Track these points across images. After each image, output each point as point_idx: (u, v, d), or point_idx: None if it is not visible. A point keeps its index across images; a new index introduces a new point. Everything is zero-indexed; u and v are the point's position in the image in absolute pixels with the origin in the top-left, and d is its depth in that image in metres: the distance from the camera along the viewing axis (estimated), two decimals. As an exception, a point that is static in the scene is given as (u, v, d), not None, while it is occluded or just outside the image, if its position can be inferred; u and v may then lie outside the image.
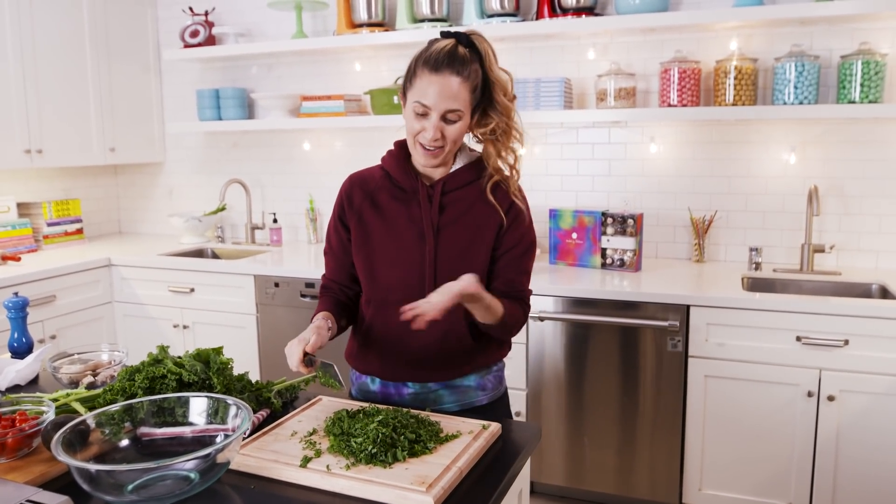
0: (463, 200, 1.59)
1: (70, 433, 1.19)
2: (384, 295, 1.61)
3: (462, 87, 1.47)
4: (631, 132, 3.17)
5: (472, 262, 1.57)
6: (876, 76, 2.65)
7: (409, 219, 1.59)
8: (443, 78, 1.46)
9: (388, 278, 1.61)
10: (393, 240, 1.60)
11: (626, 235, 2.96)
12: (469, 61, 1.48)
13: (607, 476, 2.76)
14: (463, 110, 1.49)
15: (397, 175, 1.62)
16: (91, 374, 1.67)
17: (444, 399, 1.62)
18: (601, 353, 2.70)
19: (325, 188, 3.78)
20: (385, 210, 1.62)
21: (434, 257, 1.57)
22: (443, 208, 1.59)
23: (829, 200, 2.93)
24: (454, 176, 1.59)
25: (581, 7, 2.98)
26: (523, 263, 1.62)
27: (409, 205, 1.60)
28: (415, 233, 1.58)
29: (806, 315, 2.42)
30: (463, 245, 1.57)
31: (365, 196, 1.65)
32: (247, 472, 1.26)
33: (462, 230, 1.58)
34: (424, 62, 1.49)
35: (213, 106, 3.73)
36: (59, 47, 3.46)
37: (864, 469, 2.43)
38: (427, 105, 1.48)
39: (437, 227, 1.57)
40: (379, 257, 1.61)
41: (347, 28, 3.38)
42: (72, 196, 3.98)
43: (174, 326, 3.39)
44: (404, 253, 1.59)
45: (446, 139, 1.50)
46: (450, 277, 1.54)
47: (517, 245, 1.60)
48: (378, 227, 1.62)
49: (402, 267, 1.59)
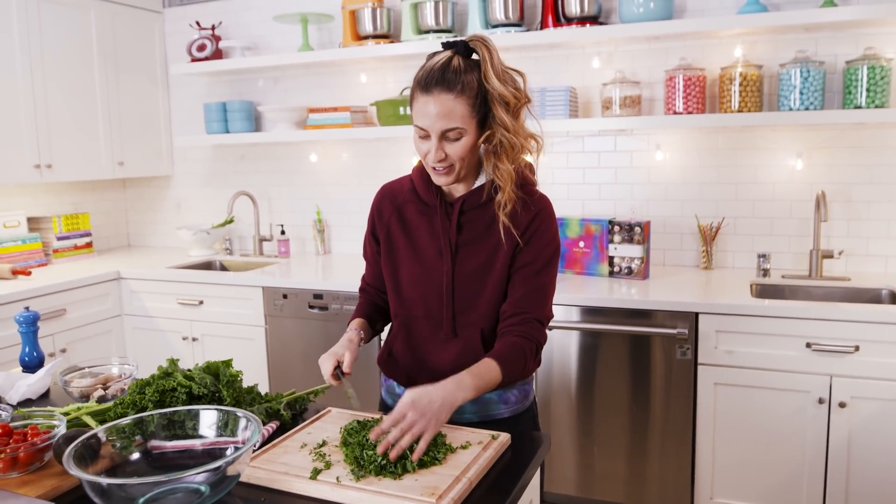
0: (481, 219, 1.56)
1: (81, 447, 1.19)
2: (408, 310, 1.62)
3: (457, 104, 1.41)
4: (637, 140, 3.17)
5: (485, 282, 1.55)
6: (881, 81, 2.65)
7: (431, 235, 1.58)
8: (434, 98, 1.41)
9: (411, 294, 1.61)
10: (415, 256, 1.60)
11: (633, 243, 2.95)
12: (463, 72, 1.42)
13: (618, 485, 2.75)
14: (463, 126, 1.43)
15: (421, 190, 1.60)
16: (102, 388, 1.67)
17: (465, 409, 1.59)
18: (610, 362, 2.69)
19: (332, 199, 3.79)
20: (410, 225, 1.61)
21: (451, 277, 1.56)
22: (461, 227, 1.56)
23: (837, 206, 2.92)
24: (473, 194, 1.56)
25: (585, 16, 2.99)
26: (539, 280, 1.54)
27: (432, 220, 1.59)
28: (435, 250, 1.58)
29: (815, 321, 2.41)
30: (478, 265, 1.55)
31: (393, 209, 1.65)
32: (257, 485, 1.26)
33: (479, 250, 1.55)
34: (417, 83, 1.46)
35: (221, 119, 3.75)
36: (67, 62, 3.50)
37: (877, 475, 2.41)
38: (424, 128, 1.44)
39: (454, 246, 1.56)
40: (404, 273, 1.61)
41: (353, 40, 3.41)
42: (81, 210, 4.01)
43: (183, 339, 3.40)
44: (425, 270, 1.59)
45: (452, 158, 1.46)
46: (466, 297, 1.54)
47: (534, 261, 1.54)
48: (403, 243, 1.62)
49: (424, 284, 1.59)
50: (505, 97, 1.44)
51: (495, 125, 1.46)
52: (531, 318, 1.52)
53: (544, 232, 1.55)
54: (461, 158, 1.47)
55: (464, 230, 1.56)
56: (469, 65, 1.44)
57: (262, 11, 3.77)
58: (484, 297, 1.56)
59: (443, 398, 1.31)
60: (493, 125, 1.46)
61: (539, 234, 1.54)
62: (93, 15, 3.61)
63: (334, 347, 1.55)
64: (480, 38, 1.46)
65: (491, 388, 1.43)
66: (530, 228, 1.53)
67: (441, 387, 1.33)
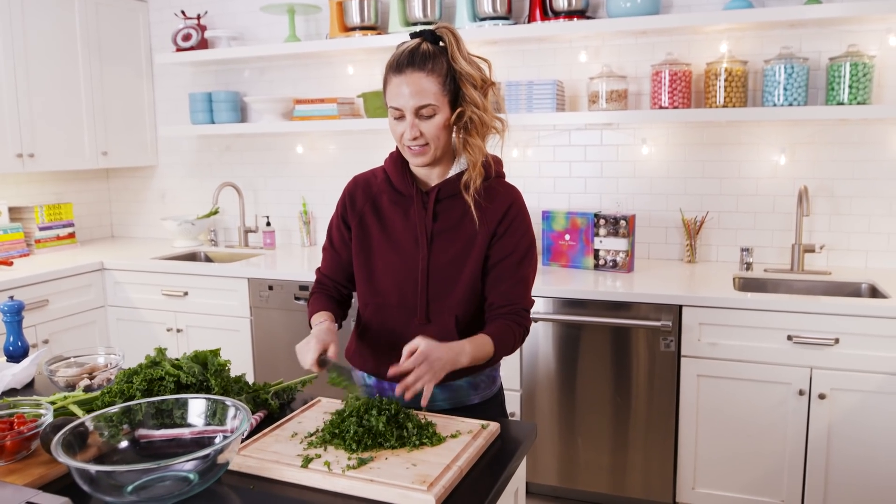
0: (457, 208, 1.59)
1: (69, 435, 1.19)
2: (381, 298, 1.63)
3: (428, 81, 1.48)
4: (623, 134, 3.20)
5: (461, 270, 1.58)
6: (864, 78, 2.68)
7: (407, 224, 1.61)
8: (407, 77, 1.48)
9: (385, 282, 1.62)
10: (391, 244, 1.62)
11: (618, 237, 2.98)
12: (432, 56, 1.49)
13: (601, 476, 2.78)
14: (435, 104, 1.49)
15: (396, 179, 1.63)
16: (88, 378, 1.67)
17: (436, 397, 1.62)
18: (595, 354, 2.71)
19: (318, 191, 3.78)
20: (385, 214, 1.64)
21: (427, 265, 1.58)
22: (437, 216, 1.59)
23: (819, 201, 2.96)
24: (448, 183, 1.59)
25: (573, 10, 3.00)
26: (521, 271, 1.59)
27: (408, 210, 1.61)
28: (411, 239, 1.60)
29: (797, 314, 2.44)
30: (454, 254, 1.58)
31: (367, 199, 1.66)
32: (247, 473, 1.26)
33: (454, 238, 1.58)
34: (389, 67, 1.52)
35: (206, 109, 3.73)
36: (51, 51, 3.46)
37: (855, 466, 2.45)
38: (399, 107, 1.50)
39: (430, 234, 1.58)
40: (377, 261, 1.63)
41: (340, 31, 3.39)
42: (64, 200, 3.97)
43: (168, 330, 3.39)
44: (401, 258, 1.60)
45: (426, 136, 1.50)
46: (441, 285, 1.58)
47: (513, 252, 1.58)
48: (377, 231, 1.64)
49: (399, 272, 1.61)
50: (472, 76, 1.52)
51: (465, 103, 1.52)
52: (519, 308, 1.59)
53: (520, 222, 1.60)
54: (436, 137, 1.52)
55: (440, 218, 1.59)
56: (437, 49, 1.51)
57: (248, 2, 3.75)
58: (459, 285, 1.59)
59: (448, 358, 1.42)
60: (464, 104, 1.52)
61: (515, 224, 1.59)
62: (77, 4, 3.56)
63: (316, 334, 1.52)
64: (446, 26, 1.53)
65: (482, 362, 1.52)
66: (506, 218, 1.58)
67: (448, 347, 1.44)
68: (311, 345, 1.48)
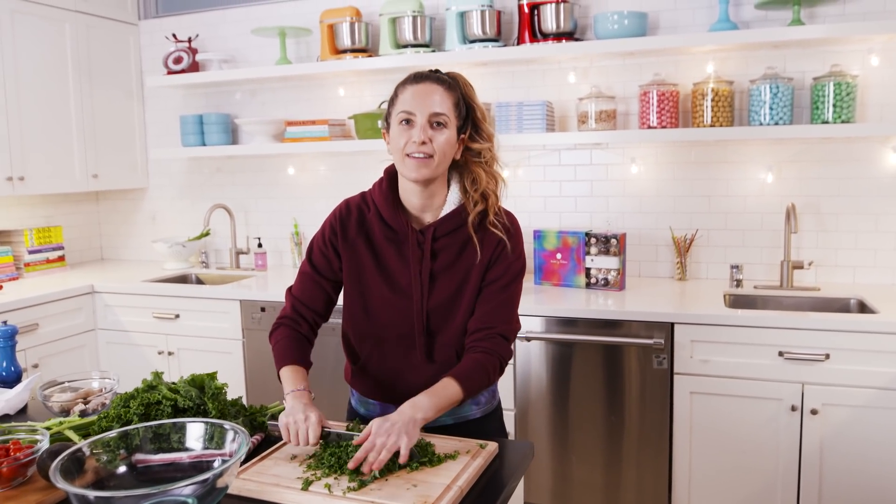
0: (453, 245, 1.58)
1: (67, 460, 1.18)
2: (379, 332, 1.63)
3: (445, 96, 1.51)
4: (612, 154, 3.23)
5: (459, 304, 1.58)
6: (847, 97, 2.73)
7: (402, 262, 1.59)
8: (425, 86, 1.51)
9: (381, 317, 1.61)
10: (386, 282, 1.60)
11: (609, 255, 3.00)
12: (449, 79, 1.55)
13: (596, 494, 2.77)
14: (448, 116, 1.50)
15: (387, 214, 1.59)
16: (82, 402, 1.66)
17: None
18: (588, 372, 2.72)
19: (309, 212, 3.79)
20: (379, 249, 1.61)
21: (427, 303, 1.58)
22: (435, 254, 1.58)
23: (806, 218, 3.00)
24: (445, 221, 1.57)
25: (561, 32, 3.04)
26: (504, 294, 1.58)
27: (402, 248, 1.59)
28: (407, 278, 1.58)
29: (787, 330, 2.47)
30: (453, 289, 1.58)
31: (360, 229, 1.63)
32: (248, 497, 1.26)
33: (453, 274, 1.58)
34: (404, 81, 1.55)
35: (197, 132, 3.73)
36: (41, 73, 3.46)
37: (849, 481, 2.46)
38: (412, 111, 1.49)
39: (430, 275, 1.58)
40: (374, 295, 1.61)
41: (331, 54, 3.42)
42: (53, 223, 3.95)
43: (159, 353, 3.37)
44: (398, 296, 1.59)
45: (434, 146, 1.49)
46: (440, 321, 1.58)
47: (501, 277, 1.58)
48: (371, 265, 1.61)
49: (396, 310, 1.59)
50: (483, 111, 1.58)
51: (481, 138, 1.56)
52: (495, 334, 1.55)
53: (513, 248, 1.60)
54: (442, 152, 1.50)
55: (439, 257, 1.58)
56: (452, 80, 1.56)
57: (239, 25, 3.78)
58: (458, 318, 1.59)
59: (402, 420, 1.36)
60: (479, 137, 1.57)
61: (509, 248, 1.59)
62: (67, 27, 3.58)
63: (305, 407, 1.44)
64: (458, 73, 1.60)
65: (453, 405, 1.47)
66: (500, 245, 1.58)
67: (398, 412, 1.39)
68: (312, 422, 1.40)
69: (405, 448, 1.30)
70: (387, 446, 1.30)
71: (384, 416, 1.38)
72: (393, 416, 1.38)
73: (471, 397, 1.51)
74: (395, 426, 1.34)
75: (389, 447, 1.30)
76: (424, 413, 1.39)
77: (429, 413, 1.40)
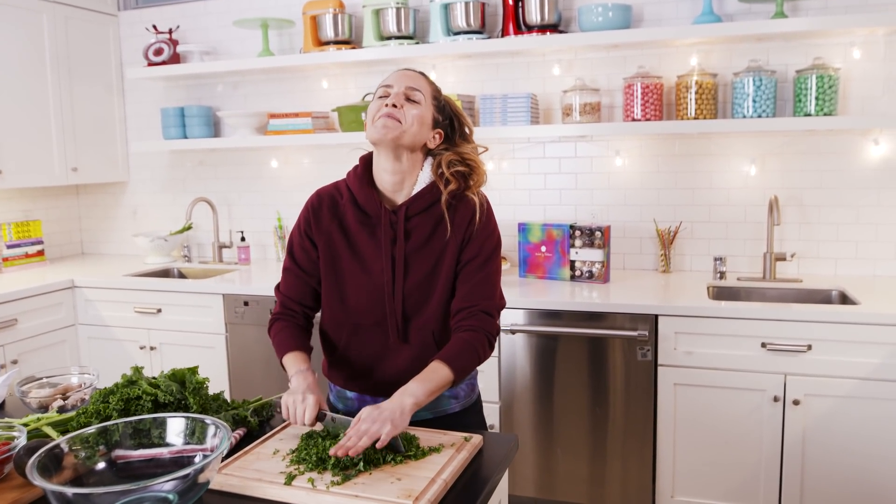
0: (426, 225, 1.59)
1: (45, 457, 1.16)
2: (356, 320, 1.62)
3: (425, 83, 1.59)
4: (596, 146, 3.23)
5: (434, 285, 1.58)
6: (830, 90, 2.75)
7: (376, 246, 1.59)
8: (407, 71, 1.60)
9: (357, 304, 1.61)
10: (361, 266, 1.60)
11: (594, 248, 3.00)
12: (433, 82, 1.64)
13: (580, 486, 2.78)
14: (424, 96, 1.56)
15: (361, 198, 1.60)
16: (61, 398, 1.63)
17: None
18: (572, 365, 2.73)
19: (293, 205, 3.76)
20: (353, 234, 1.62)
21: (402, 286, 1.58)
22: (408, 234, 1.58)
23: (789, 210, 3.02)
24: (416, 199, 1.59)
25: (546, 24, 3.03)
26: (483, 272, 1.58)
27: (375, 230, 1.60)
28: (381, 261, 1.58)
29: (770, 322, 2.48)
30: (427, 270, 1.58)
31: (333, 217, 1.64)
32: (230, 492, 1.24)
33: (427, 254, 1.58)
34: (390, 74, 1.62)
35: (179, 125, 3.69)
36: (18, 66, 3.41)
37: (831, 471, 2.49)
38: (390, 83, 1.57)
39: (403, 255, 1.58)
40: (349, 282, 1.61)
41: (314, 46, 3.39)
42: (32, 217, 3.89)
43: (140, 348, 3.33)
44: (371, 280, 1.59)
45: (404, 114, 1.53)
46: (415, 303, 1.57)
47: (477, 256, 1.58)
48: (346, 252, 1.61)
49: (371, 293, 1.59)
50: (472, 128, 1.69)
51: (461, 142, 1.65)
52: (478, 311, 1.56)
53: (485, 225, 1.60)
54: (411, 123, 1.55)
55: (411, 237, 1.59)
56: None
57: (221, 16, 3.73)
58: (434, 299, 1.59)
59: (391, 407, 1.36)
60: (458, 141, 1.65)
61: (481, 227, 1.59)
62: (45, 18, 3.52)
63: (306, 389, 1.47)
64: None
65: (445, 388, 1.47)
66: (472, 222, 1.59)
67: (389, 400, 1.39)
68: (309, 402, 1.42)
69: (386, 436, 1.29)
70: (369, 433, 1.29)
71: (375, 404, 1.38)
72: (384, 403, 1.38)
73: (463, 377, 1.51)
74: (383, 414, 1.33)
75: (371, 434, 1.29)
76: (416, 398, 1.39)
77: (420, 398, 1.40)
